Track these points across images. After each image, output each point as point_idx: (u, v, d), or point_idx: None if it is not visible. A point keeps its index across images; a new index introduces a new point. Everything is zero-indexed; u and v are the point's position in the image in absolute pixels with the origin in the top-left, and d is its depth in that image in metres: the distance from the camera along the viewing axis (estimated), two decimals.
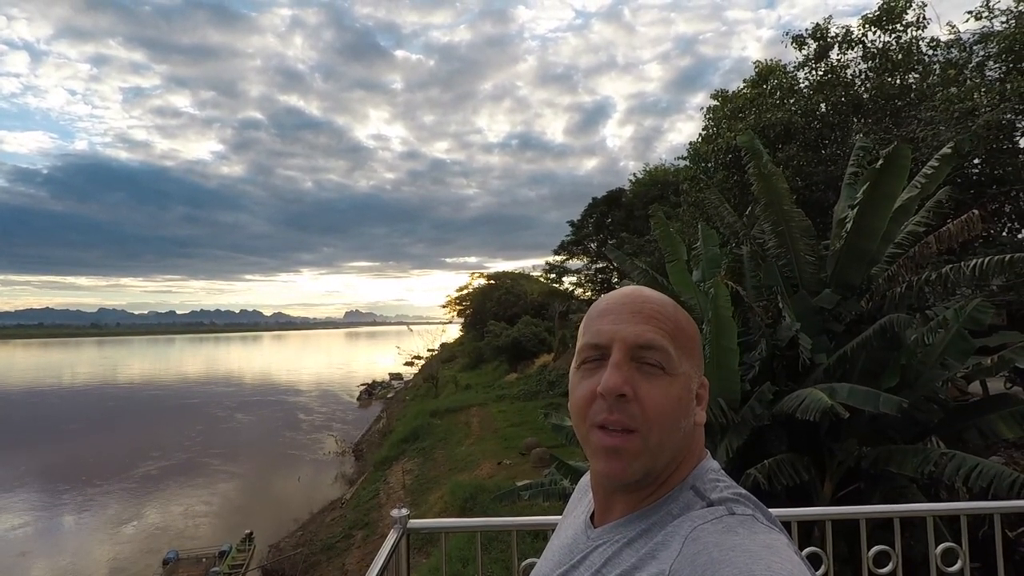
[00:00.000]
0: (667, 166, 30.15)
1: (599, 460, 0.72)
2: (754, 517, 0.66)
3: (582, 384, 0.74)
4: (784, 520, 2.12)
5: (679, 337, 0.74)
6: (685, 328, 0.77)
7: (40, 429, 35.85)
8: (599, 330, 0.75)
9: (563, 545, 0.83)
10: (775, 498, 5.42)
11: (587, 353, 0.75)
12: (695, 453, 0.76)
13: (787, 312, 5.87)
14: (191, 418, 39.28)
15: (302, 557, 15.34)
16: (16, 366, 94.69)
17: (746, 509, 0.67)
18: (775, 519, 0.69)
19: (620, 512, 0.75)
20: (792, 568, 0.57)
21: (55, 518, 20.86)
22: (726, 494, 0.70)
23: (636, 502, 0.74)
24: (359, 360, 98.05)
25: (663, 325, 0.73)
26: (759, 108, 11.57)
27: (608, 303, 0.78)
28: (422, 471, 19.38)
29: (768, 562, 0.57)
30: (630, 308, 0.75)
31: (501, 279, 53.01)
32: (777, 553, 0.59)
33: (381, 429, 30.99)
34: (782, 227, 6.42)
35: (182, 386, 61.10)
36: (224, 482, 24.55)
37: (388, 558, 1.64)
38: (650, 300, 0.76)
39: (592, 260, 35.62)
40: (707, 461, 0.77)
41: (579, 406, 0.73)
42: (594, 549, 0.74)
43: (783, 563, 0.57)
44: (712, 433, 5.96)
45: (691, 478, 0.73)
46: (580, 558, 0.76)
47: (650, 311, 0.74)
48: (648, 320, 0.73)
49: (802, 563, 0.61)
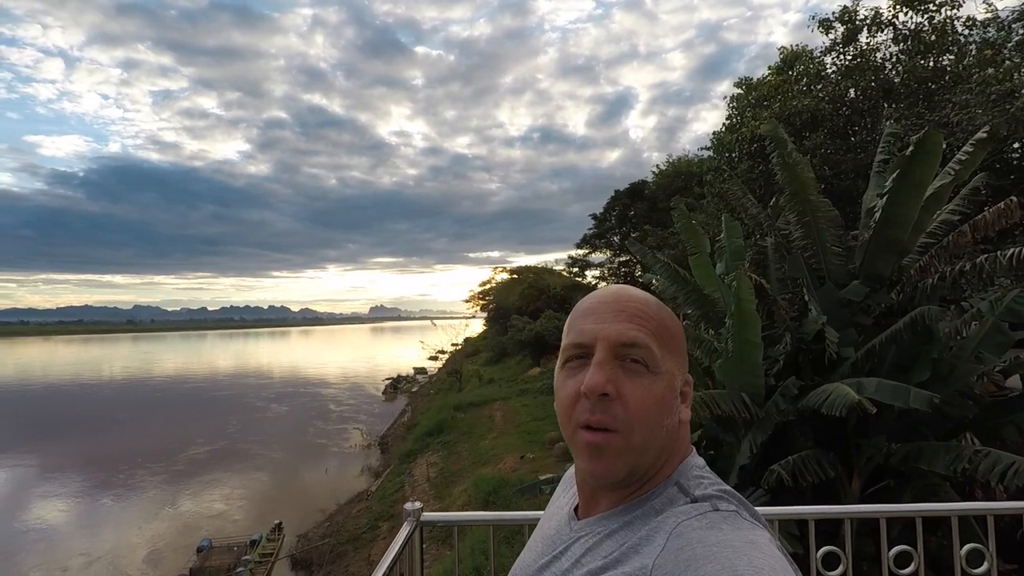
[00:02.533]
0: (691, 157, 29.70)
1: (583, 459, 0.72)
2: (738, 513, 0.66)
3: (566, 384, 0.74)
4: (802, 518, 2.06)
5: (662, 335, 0.74)
6: (669, 326, 0.76)
7: (95, 419, 37.75)
8: (582, 329, 0.75)
9: (546, 537, 0.83)
10: (800, 495, 5.31)
11: (571, 352, 0.75)
12: (680, 450, 0.76)
13: (813, 305, 5.73)
14: (229, 409, 40.91)
15: (329, 547, 15.64)
16: (64, 361, 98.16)
17: (730, 505, 0.68)
18: (759, 515, 0.69)
19: (604, 507, 0.75)
20: (774, 564, 0.58)
21: (106, 502, 21.83)
22: (710, 491, 0.70)
23: (621, 498, 0.74)
24: (384, 354, 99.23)
25: (646, 323, 0.73)
26: (784, 95, 11.27)
27: (591, 302, 0.78)
28: (446, 464, 19.54)
29: (751, 558, 0.57)
30: (613, 307, 0.75)
31: (524, 273, 52.94)
32: (760, 549, 0.59)
33: (406, 423, 31.33)
34: (808, 218, 6.26)
35: (218, 379, 63.02)
36: (257, 470, 25.33)
37: (400, 550, 1.66)
38: (633, 299, 0.76)
39: (615, 253, 35.34)
40: (692, 458, 0.77)
41: (564, 406, 0.74)
42: (576, 540, 0.75)
43: (766, 559, 0.58)
44: (735, 428, 5.87)
45: (676, 475, 0.74)
46: (562, 549, 0.76)
47: (633, 310, 0.74)
48: (631, 319, 0.73)
49: (784, 559, 0.61)
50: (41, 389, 56.40)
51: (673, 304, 7.85)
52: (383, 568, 1.50)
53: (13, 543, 18.38)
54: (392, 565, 1.54)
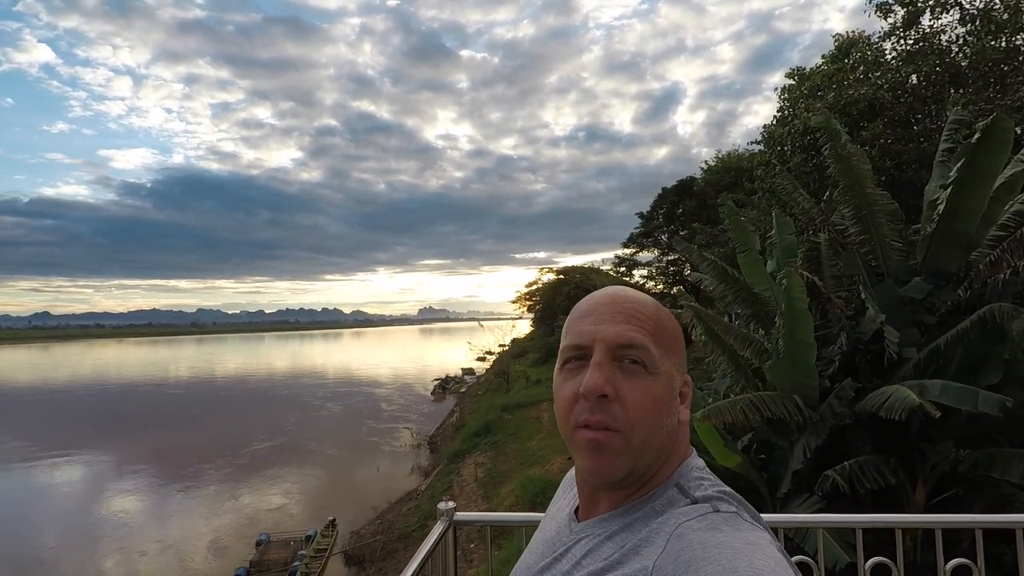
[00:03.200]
0: (740, 152, 28.81)
1: (583, 457, 0.72)
2: (738, 515, 0.66)
3: (565, 385, 0.74)
4: (849, 527, 1.97)
5: (660, 336, 0.74)
6: (667, 326, 0.76)
7: (166, 416, 40.27)
8: (580, 331, 0.75)
9: (547, 539, 0.83)
10: (859, 503, 5.08)
11: (569, 354, 0.75)
12: (680, 451, 0.76)
13: (870, 303, 5.46)
14: (287, 407, 42.82)
15: (380, 544, 15.99)
16: (138, 361, 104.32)
17: (730, 507, 0.67)
18: (759, 517, 0.69)
19: (604, 508, 0.75)
20: (775, 565, 0.57)
21: (176, 494, 23.15)
22: (710, 492, 0.70)
23: (620, 499, 0.74)
24: (433, 355, 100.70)
25: (644, 324, 0.73)
26: (840, 85, 10.76)
27: (589, 304, 0.78)
28: (494, 465, 19.64)
29: (751, 559, 0.57)
30: (611, 308, 0.75)
31: (570, 274, 52.61)
32: (760, 551, 0.59)
33: (454, 423, 31.68)
34: (864, 212, 5.97)
35: (276, 379, 65.82)
36: (313, 467, 26.29)
37: (433, 548, 1.69)
38: (631, 300, 0.76)
39: (663, 252, 34.66)
40: (692, 459, 0.76)
41: (563, 407, 0.74)
42: (576, 542, 0.75)
43: (766, 560, 0.57)
44: (788, 431, 5.67)
45: (675, 476, 0.73)
46: (563, 551, 0.76)
47: (630, 310, 0.74)
48: (629, 319, 0.73)
49: (785, 560, 0.61)
50: (116, 389, 60.13)
51: (722, 303, 7.66)
52: (413, 566, 1.53)
53: (97, 529, 19.76)
54: (423, 563, 1.57)
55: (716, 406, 5.17)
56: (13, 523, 20.28)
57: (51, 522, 20.65)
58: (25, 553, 17.83)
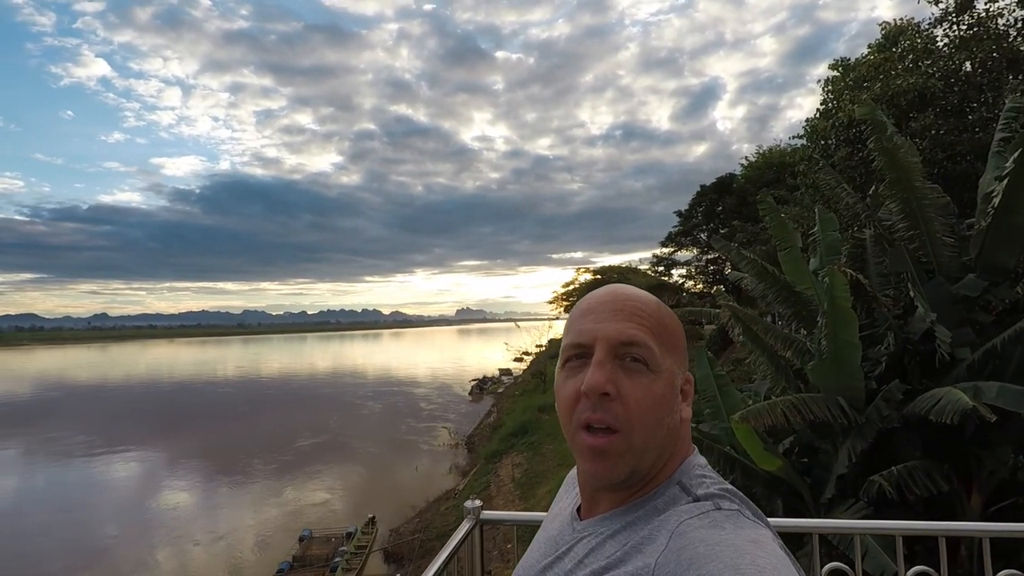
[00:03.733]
0: (783, 147, 28.00)
1: (585, 460, 0.72)
2: (740, 512, 0.66)
3: (566, 384, 0.75)
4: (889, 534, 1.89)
5: (661, 334, 0.74)
6: (668, 324, 0.76)
7: (215, 413, 42.15)
8: (581, 329, 0.75)
9: (549, 538, 0.84)
10: (909, 510, 4.87)
11: (570, 352, 0.76)
12: (681, 449, 0.76)
13: (920, 301, 5.23)
14: (330, 405, 44.14)
15: (418, 542, 16.20)
16: (189, 361, 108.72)
17: (732, 504, 0.67)
18: (761, 514, 0.69)
19: (606, 507, 0.76)
20: (777, 563, 0.58)
21: (226, 488, 24.11)
22: (712, 490, 0.70)
23: (623, 498, 0.74)
24: (470, 356, 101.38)
25: (645, 322, 0.73)
26: (887, 75, 10.33)
27: (590, 302, 0.78)
28: (531, 465, 19.65)
29: (753, 556, 0.57)
30: (611, 306, 0.75)
31: (607, 274, 52.13)
32: (763, 548, 0.60)
33: (491, 423, 31.83)
34: (913, 206, 5.72)
35: (319, 378, 67.75)
36: (355, 464, 26.94)
37: (458, 546, 1.69)
38: (631, 298, 0.76)
39: (702, 251, 34.02)
40: (694, 457, 0.77)
41: (564, 406, 0.74)
42: (578, 541, 0.75)
43: (768, 557, 0.58)
44: (833, 435, 5.48)
45: (677, 474, 0.73)
46: (565, 550, 0.76)
47: (631, 309, 0.74)
48: (630, 318, 0.73)
49: (787, 558, 0.61)
50: (169, 387, 62.80)
51: (763, 303, 7.46)
52: (438, 563, 1.53)
53: (154, 519, 20.79)
54: (448, 561, 1.57)
55: (755, 408, 5.04)
56: (78, 513, 21.46)
57: (112, 512, 21.80)
58: (89, 541, 18.86)
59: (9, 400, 53.92)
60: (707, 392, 6.49)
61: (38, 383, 69.80)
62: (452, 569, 1.63)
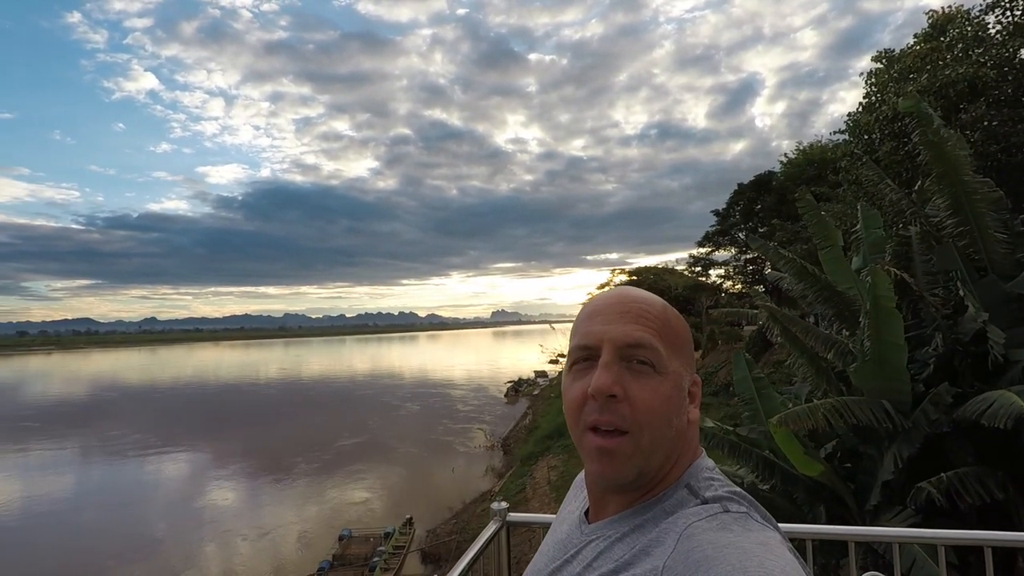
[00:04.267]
0: (824, 143, 27.16)
1: (592, 462, 0.72)
2: (748, 515, 0.66)
3: (573, 386, 0.75)
4: (931, 543, 1.83)
5: (668, 335, 0.74)
6: (674, 326, 0.77)
7: (260, 414, 43.57)
8: (588, 331, 0.75)
9: (557, 541, 0.84)
10: (961, 519, 4.66)
11: (578, 355, 0.76)
12: (689, 451, 0.76)
13: (971, 300, 5.01)
14: (370, 406, 45.12)
15: (455, 544, 16.31)
16: (233, 363, 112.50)
17: (740, 507, 0.67)
18: (770, 517, 0.69)
19: (614, 510, 0.76)
20: (785, 565, 0.57)
21: (270, 486, 24.86)
22: (720, 492, 0.70)
23: (630, 500, 0.74)
24: (505, 358, 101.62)
25: (651, 324, 0.74)
26: (935, 65, 9.93)
27: (596, 304, 0.79)
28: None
29: (762, 559, 0.57)
30: (618, 308, 0.75)
31: (643, 275, 51.55)
32: (771, 551, 0.59)
33: (527, 425, 31.82)
34: (962, 200, 5.49)
35: (359, 380, 69.30)
36: (393, 464, 27.40)
37: (484, 547, 1.70)
38: (638, 300, 0.77)
39: (740, 250, 33.30)
40: (702, 459, 0.77)
41: (571, 408, 0.75)
42: (587, 544, 0.75)
43: (776, 560, 0.57)
44: (878, 439, 5.30)
45: (685, 476, 0.73)
46: (573, 553, 0.76)
47: (638, 311, 0.75)
48: (636, 319, 0.74)
49: (796, 561, 0.61)
50: (216, 388, 65.04)
51: (803, 303, 7.26)
52: (463, 564, 1.53)
53: (204, 514, 21.61)
54: (472, 562, 1.58)
55: (795, 411, 4.91)
56: (134, 506, 22.48)
57: (165, 505, 22.82)
58: (146, 531, 19.75)
59: (72, 400, 56.85)
60: (745, 395, 6.36)
61: (96, 384, 73.33)
62: (478, 569, 1.63)
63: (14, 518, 21.65)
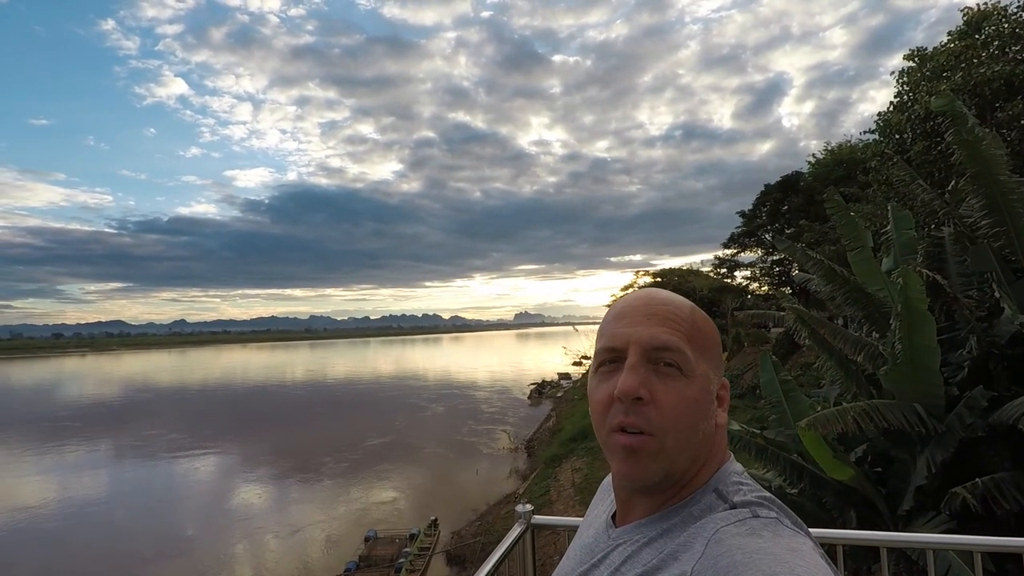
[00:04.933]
0: (853, 143, 26.63)
1: (618, 461, 0.72)
2: (778, 520, 0.65)
3: (600, 388, 0.75)
4: (966, 549, 1.83)
5: (696, 338, 0.74)
6: (702, 329, 0.76)
7: (292, 413, 44.60)
8: (615, 333, 0.75)
9: (584, 545, 0.83)
10: (997, 525, 4.57)
11: (604, 357, 0.76)
12: (717, 455, 0.75)
13: (1007, 302, 4.91)
14: (394, 407, 45.69)
15: (479, 546, 16.37)
16: (261, 365, 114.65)
17: (770, 512, 0.66)
18: (801, 523, 0.67)
19: (641, 513, 0.75)
20: (817, 572, 0.56)
21: (299, 485, 25.26)
22: (750, 497, 0.69)
23: (657, 504, 0.74)
24: (529, 360, 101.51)
25: (679, 326, 0.73)
26: (969, 63, 9.70)
27: (623, 306, 0.78)
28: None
29: (792, 565, 0.56)
30: (645, 310, 0.75)
31: (667, 276, 51.07)
32: (802, 556, 0.58)
33: (551, 427, 31.76)
34: (998, 200, 5.38)
35: (385, 381, 70.30)
36: (419, 465, 27.64)
37: (508, 549, 1.68)
38: (665, 302, 0.76)
39: (767, 252, 32.80)
40: (730, 464, 0.76)
41: (598, 410, 0.74)
42: (614, 548, 0.75)
43: (807, 566, 0.56)
44: (910, 444, 5.22)
45: (713, 481, 0.72)
46: (600, 557, 0.76)
47: (665, 313, 0.74)
48: (664, 322, 0.73)
49: (827, 567, 0.60)
50: (244, 390, 66.42)
51: (831, 305, 7.17)
52: (488, 567, 1.53)
53: (235, 511, 22.09)
54: (498, 565, 1.57)
55: (823, 414, 4.87)
56: (164, 505, 23.08)
57: (198, 503, 23.40)
58: (174, 531, 20.25)
59: (107, 401, 58.60)
60: (772, 397, 6.31)
61: (129, 386, 75.45)
62: (503, 571, 1.62)
63: (60, 514, 22.51)
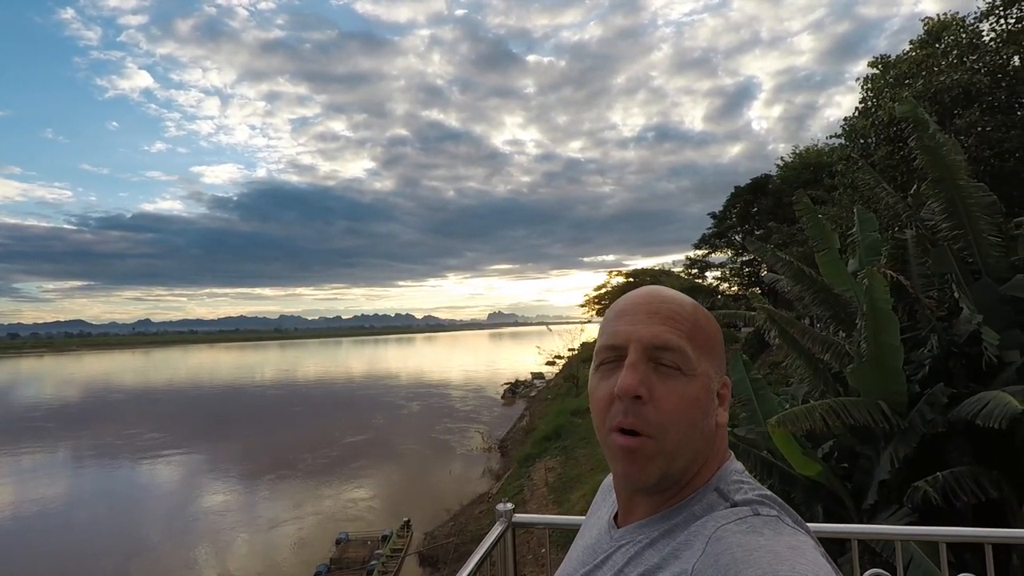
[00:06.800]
0: (820, 147, 27.37)
1: (617, 462, 0.72)
2: (779, 518, 0.65)
3: (600, 386, 0.74)
4: (931, 540, 1.89)
5: (697, 337, 0.73)
6: (704, 328, 0.75)
7: (264, 414, 43.93)
8: (616, 331, 0.74)
9: (587, 546, 0.83)
10: (956, 517, 4.74)
11: (604, 354, 0.75)
12: (718, 455, 0.74)
13: (965, 303, 5.10)
14: (367, 408, 45.16)
15: (453, 546, 16.30)
16: (230, 365, 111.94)
17: (771, 510, 0.66)
18: (802, 521, 0.67)
19: (642, 513, 0.75)
20: (817, 569, 0.56)
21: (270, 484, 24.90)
22: (750, 495, 0.69)
23: (658, 504, 0.73)
24: (503, 359, 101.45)
25: (680, 325, 0.72)
26: (929, 71, 10.05)
27: (625, 304, 0.77)
28: (564, 469, 19.59)
29: (793, 563, 0.56)
30: (646, 309, 0.74)
31: (640, 277, 51.66)
32: (803, 554, 0.58)
33: (524, 427, 31.83)
34: (957, 205, 5.58)
35: (358, 381, 69.46)
36: (391, 465, 27.42)
37: (490, 548, 1.67)
38: (667, 300, 0.75)
39: (737, 253, 33.45)
40: (731, 463, 0.75)
41: (598, 409, 0.74)
42: (617, 549, 0.74)
43: (808, 564, 0.56)
44: (874, 439, 5.38)
45: (714, 480, 0.72)
46: (603, 558, 0.75)
47: (667, 311, 0.73)
48: (665, 321, 0.72)
49: (828, 565, 0.60)
50: (214, 390, 64.83)
51: (800, 305, 7.35)
52: (470, 566, 1.52)
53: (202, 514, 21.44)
54: (480, 563, 1.56)
55: (792, 412, 4.98)
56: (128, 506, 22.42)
57: (161, 507, 22.69)
58: (138, 532, 19.67)
59: (75, 403, 56.57)
60: (742, 396, 6.44)
61: (95, 387, 72.96)
62: (485, 571, 1.61)
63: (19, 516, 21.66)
